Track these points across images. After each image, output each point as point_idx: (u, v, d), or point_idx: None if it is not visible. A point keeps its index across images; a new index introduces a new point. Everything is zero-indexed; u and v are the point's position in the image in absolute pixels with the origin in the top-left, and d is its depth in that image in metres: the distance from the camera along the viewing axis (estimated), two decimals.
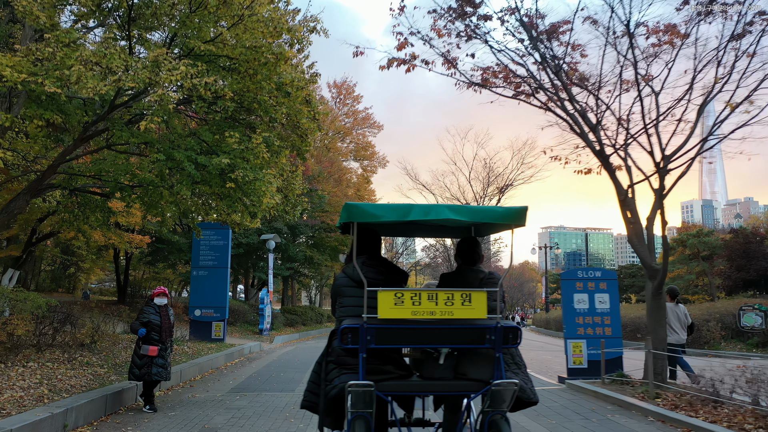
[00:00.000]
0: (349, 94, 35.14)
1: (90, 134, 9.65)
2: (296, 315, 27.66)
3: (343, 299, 3.86)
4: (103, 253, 32.30)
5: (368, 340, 3.46)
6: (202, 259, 15.74)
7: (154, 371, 6.99)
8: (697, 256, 40.68)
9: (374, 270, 3.83)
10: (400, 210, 3.62)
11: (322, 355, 3.91)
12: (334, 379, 3.60)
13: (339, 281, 3.93)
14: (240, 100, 9.06)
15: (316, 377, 3.93)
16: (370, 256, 3.97)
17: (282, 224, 24.32)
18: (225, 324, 15.50)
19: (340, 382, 3.53)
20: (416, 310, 3.45)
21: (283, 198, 12.47)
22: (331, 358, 3.76)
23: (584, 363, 9.20)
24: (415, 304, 3.45)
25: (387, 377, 3.62)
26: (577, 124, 9.01)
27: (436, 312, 3.46)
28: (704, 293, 43.72)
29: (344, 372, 3.60)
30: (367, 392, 3.34)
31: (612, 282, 9.52)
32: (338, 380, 3.56)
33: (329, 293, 54.21)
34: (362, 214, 3.59)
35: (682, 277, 42.11)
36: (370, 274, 3.74)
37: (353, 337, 3.47)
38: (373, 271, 3.81)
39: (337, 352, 3.69)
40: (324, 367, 3.81)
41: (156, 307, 7.25)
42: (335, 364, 3.69)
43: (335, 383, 3.57)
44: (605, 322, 9.32)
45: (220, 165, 8.15)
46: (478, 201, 25.10)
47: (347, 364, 3.61)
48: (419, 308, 3.45)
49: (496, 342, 3.52)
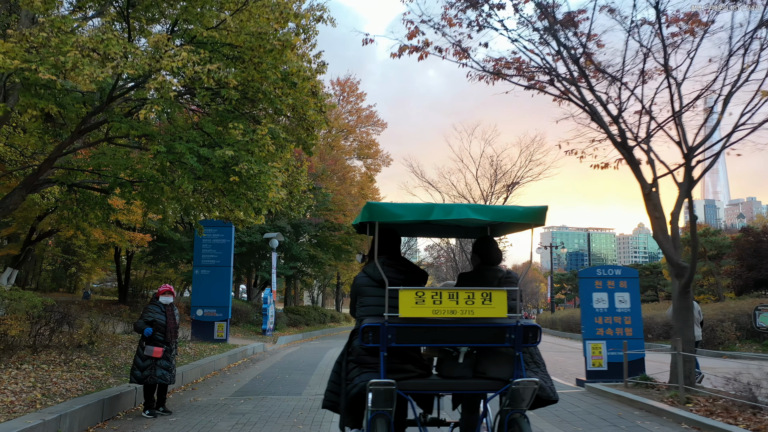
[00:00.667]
0: (352, 91, 34.75)
1: (88, 127, 9.27)
2: (299, 315, 27.28)
3: (364, 298, 3.87)
4: (103, 252, 32.01)
5: (389, 339, 3.48)
6: (204, 258, 15.36)
7: (158, 373, 6.61)
8: (703, 255, 40.21)
9: (394, 269, 3.84)
10: (422, 210, 3.62)
11: (342, 354, 3.92)
12: (355, 378, 3.61)
13: (359, 280, 3.94)
14: (244, 90, 8.68)
15: (337, 377, 3.93)
16: (390, 256, 3.97)
17: (285, 223, 23.94)
18: (228, 324, 15.12)
19: (360, 381, 3.54)
20: (437, 309, 3.45)
21: (288, 194, 12.11)
22: (351, 357, 3.75)
23: (604, 365, 8.80)
24: (435, 303, 3.45)
25: (407, 376, 3.62)
26: (596, 115, 8.60)
27: (456, 311, 3.46)
28: (710, 293, 43.32)
29: (365, 371, 3.60)
30: (389, 391, 3.34)
31: (633, 280, 9.11)
32: (359, 379, 3.57)
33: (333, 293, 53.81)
34: (384, 213, 3.57)
35: None
36: (390, 273, 3.73)
37: (374, 336, 3.48)
38: (394, 271, 3.82)
39: (357, 351, 3.69)
40: (345, 367, 3.80)
41: (161, 306, 6.86)
42: (356, 363, 3.69)
43: (356, 382, 3.57)
44: (626, 323, 8.92)
45: (224, 157, 7.76)
46: (485, 198, 24.69)
47: (367, 363, 3.62)
48: (440, 307, 3.46)
49: (516, 341, 3.53)
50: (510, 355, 3.65)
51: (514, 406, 3.49)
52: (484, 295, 3.48)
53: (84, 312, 11.46)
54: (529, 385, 3.43)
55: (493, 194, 24.27)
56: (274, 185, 9.11)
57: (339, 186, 27.40)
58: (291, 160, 10.84)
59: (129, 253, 26.56)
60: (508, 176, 24.42)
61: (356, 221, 4.12)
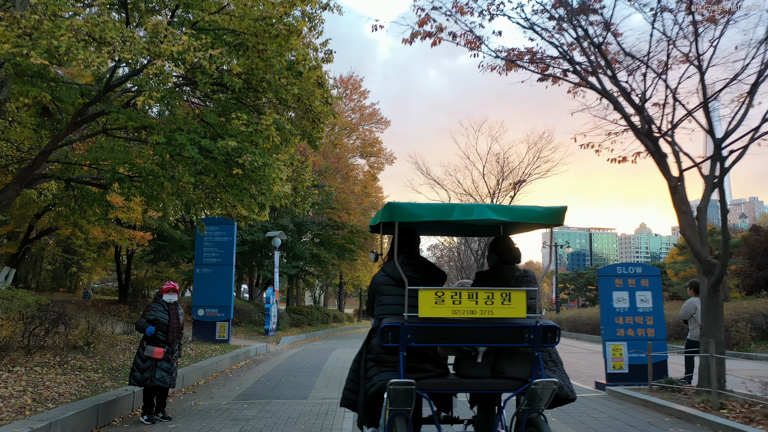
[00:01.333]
0: (355, 89, 34.35)
1: (84, 118, 8.88)
2: (302, 315, 26.88)
3: (382, 297, 3.88)
4: (103, 251, 31.65)
5: (409, 339, 3.48)
6: (205, 256, 14.96)
7: (158, 375, 6.19)
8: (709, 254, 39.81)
9: (413, 269, 3.85)
10: (443, 210, 3.64)
11: (360, 352, 3.94)
12: (373, 377, 3.62)
13: (378, 279, 3.95)
14: (248, 79, 8.28)
15: (355, 375, 3.95)
16: (409, 255, 3.98)
17: (288, 221, 23.54)
18: (230, 324, 14.73)
19: (379, 380, 3.56)
20: (456, 309, 3.46)
21: (292, 190, 11.71)
22: (370, 355, 3.76)
23: (625, 367, 8.38)
24: (455, 303, 3.46)
25: (426, 375, 3.63)
26: (618, 104, 8.19)
27: (476, 311, 3.47)
28: None
29: (383, 369, 3.61)
30: (408, 390, 3.34)
31: (654, 278, 8.70)
32: (377, 378, 3.58)
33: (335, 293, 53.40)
34: (405, 213, 3.57)
35: (694, 276, 41.32)
36: (409, 272, 3.75)
37: (394, 335, 3.48)
38: (413, 270, 3.83)
39: (376, 350, 3.70)
40: (363, 365, 3.81)
41: (165, 305, 6.45)
42: (374, 361, 3.70)
43: (374, 381, 3.58)
44: (647, 323, 8.50)
45: (226, 148, 7.37)
46: (492, 196, 24.27)
47: (386, 362, 3.64)
48: (459, 307, 3.46)
49: (535, 341, 3.54)
50: (529, 354, 3.65)
51: (533, 406, 3.49)
52: (504, 296, 3.48)
53: (81, 312, 11.07)
54: (548, 385, 3.42)
55: (501, 191, 23.84)
56: (279, 179, 8.72)
57: (342, 184, 26.99)
58: (295, 155, 10.45)
59: (129, 252, 26.22)
60: (515, 173, 23.99)
61: (375, 221, 4.11)
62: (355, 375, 3.94)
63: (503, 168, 23.71)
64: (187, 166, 8.39)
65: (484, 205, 3.71)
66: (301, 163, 11.93)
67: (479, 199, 24.40)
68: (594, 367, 11.84)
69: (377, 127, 34.69)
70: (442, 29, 7.99)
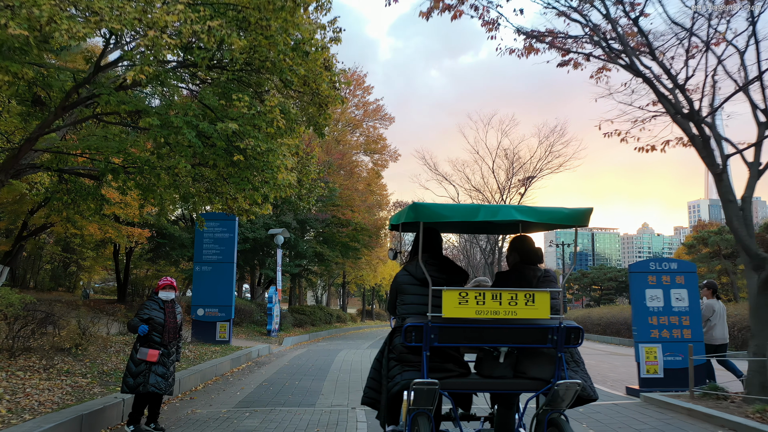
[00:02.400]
0: (359, 84, 33.64)
1: (73, 102, 8.22)
2: (305, 315, 26.22)
3: (405, 296, 3.85)
4: (101, 250, 31.05)
5: (432, 339, 3.49)
6: (205, 254, 14.30)
7: (152, 380, 5.51)
8: (718, 254, 39.32)
9: (437, 268, 3.85)
10: (468, 210, 3.63)
11: (381, 351, 3.95)
12: (396, 376, 3.63)
13: (401, 278, 3.93)
14: (249, 60, 7.63)
15: (376, 374, 3.94)
16: (432, 255, 3.97)
17: (291, 218, 22.88)
18: (230, 325, 14.07)
19: (402, 379, 3.58)
20: (480, 310, 3.46)
21: (297, 181, 11.06)
22: (392, 354, 3.77)
23: (659, 372, 7.71)
24: (479, 304, 3.46)
25: (448, 375, 3.64)
26: (653, 85, 7.53)
27: (500, 312, 3.47)
28: (724, 293, 42.30)
29: (406, 369, 3.62)
30: (432, 390, 3.37)
31: (690, 275, 8.02)
32: (400, 377, 3.60)
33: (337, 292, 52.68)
34: (430, 214, 3.56)
35: (703, 276, 40.73)
36: (433, 272, 3.75)
37: (417, 335, 3.49)
38: (436, 270, 3.83)
39: (399, 349, 3.69)
40: (385, 364, 3.80)
41: (160, 302, 5.78)
42: (397, 360, 3.71)
43: (397, 380, 3.60)
44: (683, 323, 7.83)
45: (227, 131, 6.72)
46: (502, 192, 23.58)
47: (409, 361, 3.64)
48: (483, 308, 3.47)
49: (559, 342, 3.54)
50: (551, 354, 3.65)
51: (554, 407, 3.49)
52: (528, 296, 3.47)
53: (72, 311, 10.41)
54: (571, 386, 3.41)
55: (511, 187, 23.13)
56: (284, 166, 8.05)
57: (346, 181, 26.31)
58: (300, 144, 9.78)
59: (128, 251, 25.60)
60: (526, 168, 23.25)
61: (397, 220, 4.10)
62: (377, 374, 3.94)
63: (513, 163, 22.99)
64: (183, 151, 7.73)
65: (510, 206, 3.71)
66: (306, 154, 11.27)
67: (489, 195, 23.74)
68: (617, 370, 11.18)
69: (381, 123, 34.00)
70: (463, 1, 7.32)
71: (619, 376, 10.21)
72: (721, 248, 39.19)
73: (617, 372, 10.86)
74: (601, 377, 9.98)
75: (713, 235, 39.77)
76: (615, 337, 23.12)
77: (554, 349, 3.57)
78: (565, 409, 3.50)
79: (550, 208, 3.74)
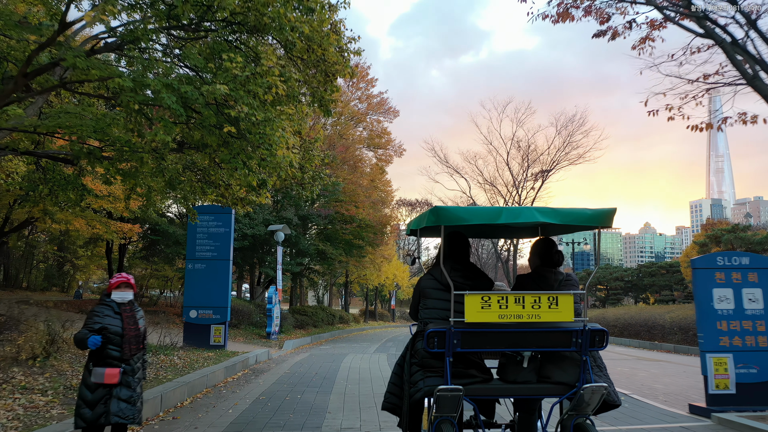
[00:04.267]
0: (363, 77, 32.40)
1: (36, 70, 7.01)
2: (306, 316, 25.00)
3: (428, 301, 3.80)
4: (91, 247, 29.81)
5: (455, 344, 3.43)
6: (199, 250, 13.09)
7: (115, 408, 4.24)
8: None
9: (461, 274, 3.78)
10: (490, 213, 3.55)
11: (402, 356, 3.88)
12: (418, 382, 3.57)
13: (425, 282, 3.88)
14: (243, 17, 6.42)
15: (398, 379, 3.89)
16: (457, 260, 3.88)
17: (292, 214, 21.66)
18: (226, 327, 12.85)
19: (425, 385, 3.52)
20: (503, 314, 3.41)
21: (299, 167, 9.85)
22: (414, 359, 3.69)
23: (731, 387, 6.49)
24: (501, 308, 3.41)
25: (472, 381, 3.57)
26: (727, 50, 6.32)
27: (523, 315, 3.42)
28: None
29: (428, 375, 3.55)
30: (455, 397, 3.30)
31: (764, 272, 6.79)
32: (422, 383, 3.54)
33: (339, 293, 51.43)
34: (452, 217, 3.47)
35: None
36: (458, 278, 3.70)
37: (439, 340, 3.43)
38: (461, 276, 3.76)
39: (421, 354, 3.62)
40: (407, 369, 3.71)
41: (115, 306, 4.48)
42: (419, 366, 3.63)
43: (419, 386, 3.55)
44: (758, 329, 6.62)
45: (215, 94, 5.50)
46: (517, 186, 22.33)
47: (432, 367, 3.57)
48: (506, 312, 3.42)
49: (583, 345, 3.49)
50: (575, 359, 3.61)
51: (580, 412, 3.45)
52: (551, 299, 3.42)
53: (42, 314, 9.19)
54: (597, 390, 3.38)
55: (526, 180, 21.85)
56: (284, 140, 6.82)
57: (350, 175, 25.07)
58: (303, 123, 8.54)
59: (121, 248, 24.40)
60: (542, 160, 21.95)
61: (417, 225, 3.99)
62: (398, 379, 3.89)
63: (528, 155, 21.70)
64: (166, 127, 6.51)
65: (532, 208, 3.61)
66: (310, 137, 10.05)
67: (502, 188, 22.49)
68: (660, 380, 9.94)
69: (386, 117, 32.75)
70: None
71: (668, 387, 8.98)
72: (735, 247, 38.18)
73: (662, 383, 9.63)
74: (648, 389, 8.74)
75: (726, 233, 38.71)
76: (634, 339, 21.91)
77: (578, 353, 3.53)
78: (591, 414, 3.45)
79: (573, 210, 3.63)
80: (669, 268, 55.42)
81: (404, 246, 58.03)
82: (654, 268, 56.81)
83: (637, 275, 55.56)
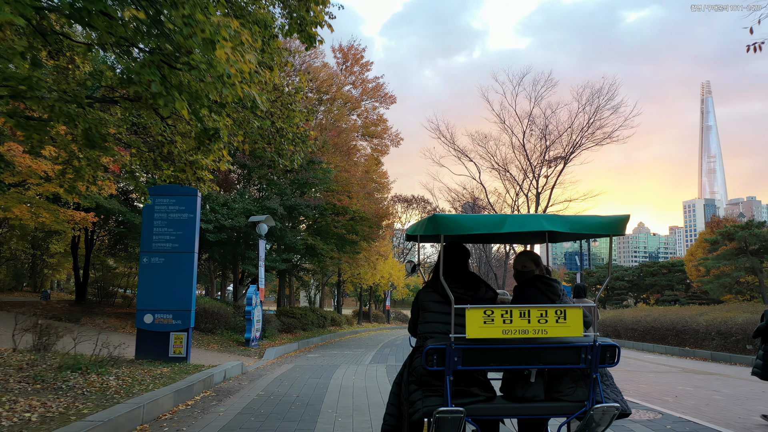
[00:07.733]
0: (357, 60, 30.10)
1: None
2: (294, 318, 22.60)
3: (427, 315, 3.61)
4: (63, 244, 27.26)
5: (455, 362, 3.24)
6: (156, 240, 10.68)
7: None
8: (744, 250, 36.43)
9: (461, 285, 3.62)
10: (494, 222, 3.34)
11: (400, 374, 3.77)
12: (417, 402, 3.37)
13: (424, 296, 3.70)
14: None
15: (396, 399, 3.74)
16: (457, 271, 3.70)
17: (277, 203, 19.25)
18: (189, 335, 10.44)
19: (423, 405, 3.31)
20: (507, 329, 3.23)
21: (275, 132, 7.52)
22: (412, 377, 3.51)
23: None
24: (506, 323, 3.22)
25: (474, 400, 3.37)
26: None
27: (529, 330, 3.23)
28: (750, 292, 39.40)
29: (427, 394, 3.35)
30: (457, 418, 3.13)
31: None
32: (421, 403, 3.33)
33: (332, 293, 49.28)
34: (452, 226, 3.27)
35: (729, 274, 37.76)
36: (459, 290, 3.55)
37: (439, 358, 3.25)
38: (462, 287, 3.60)
39: (419, 372, 3.45)
40: (405, 388, 3.56)
41: None
42: (417, 384, 3.45)
43: (418, 406, 3.34)
44: None
45: None
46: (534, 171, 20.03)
47: (431, 386, 3.38)
48: (510, 326, 3.22)
49: (593, 361, 3.30)
50: (584, 375, 3.43)
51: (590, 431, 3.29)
52: (558, 313, 3.23)
53: None
54: (609, 410, 3.22)
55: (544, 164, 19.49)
56: (236, 65, 4.38)
57: (343, 162, 22.69)
58: (277, 54, 6.11)
59: (88, 243, 21.89)
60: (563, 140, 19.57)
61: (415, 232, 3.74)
62: (396, 399, 3.71)
63: (546, 135, 19.31)
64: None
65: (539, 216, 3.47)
66: (288, 89, 7.64)
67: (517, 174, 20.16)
68: (744, 404, 7.62)
69: (382, 103, 30.44)
70: None
71: (697, 402, 6.66)
72: (749, 244, 36.39)
73: (746, 407, 7.31)
74: (693, 410, 6.38)
75: (741, 230, 37.01)
76: (658, 344, 19.68)
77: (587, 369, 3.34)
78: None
79: (583, 217, 3.49)
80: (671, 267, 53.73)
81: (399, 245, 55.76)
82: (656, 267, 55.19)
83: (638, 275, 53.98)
